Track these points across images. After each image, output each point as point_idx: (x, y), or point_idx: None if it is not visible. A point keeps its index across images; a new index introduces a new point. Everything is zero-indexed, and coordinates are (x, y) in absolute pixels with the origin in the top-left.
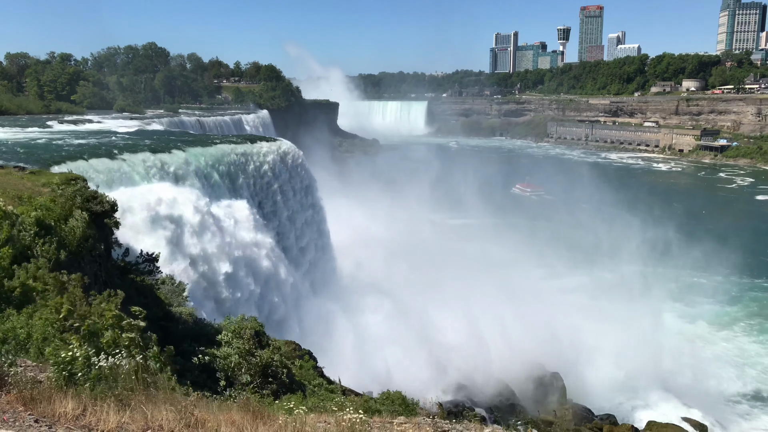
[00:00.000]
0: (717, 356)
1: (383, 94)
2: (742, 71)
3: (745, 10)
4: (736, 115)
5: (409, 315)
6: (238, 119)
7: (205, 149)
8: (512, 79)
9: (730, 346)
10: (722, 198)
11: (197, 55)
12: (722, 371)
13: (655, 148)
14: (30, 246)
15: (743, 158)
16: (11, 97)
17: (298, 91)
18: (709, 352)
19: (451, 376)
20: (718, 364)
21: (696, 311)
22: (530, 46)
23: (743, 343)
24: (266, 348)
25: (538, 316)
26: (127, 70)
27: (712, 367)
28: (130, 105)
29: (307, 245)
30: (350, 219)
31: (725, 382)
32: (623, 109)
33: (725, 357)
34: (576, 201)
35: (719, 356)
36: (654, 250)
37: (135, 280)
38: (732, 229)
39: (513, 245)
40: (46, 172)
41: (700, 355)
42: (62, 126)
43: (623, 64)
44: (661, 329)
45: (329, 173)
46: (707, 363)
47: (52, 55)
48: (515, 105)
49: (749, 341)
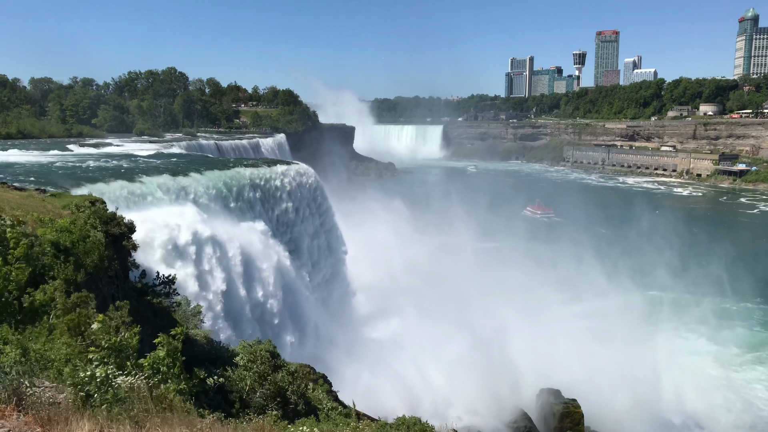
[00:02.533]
0: (741, 386)
1: (399, 118)
2: (761, 95)
3: (762, 34)
4: (755, 139)
5: (425, 338)
6: (256, 143)
7: (222, 172)
8: (528, 103)
9: (752, 377)
10: (745, 224)
11: (216, 79)
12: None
13: (672, 173)
14: (48, 266)
15: (763, 183)
16: (34, 121)
17: (315, 116)
18: (736, 381)
19: (467, 402)
20: (743, 396)
21: (721, 337)
22: (546, 70)
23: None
24: (280, 370)
25: (556, 340)
26: (147, 95)
27: (736, 398)
28: (149, 128)
29: (323, 266)
30: (367, 241)
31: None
32: (640, 133)
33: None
34: (591, 224)
35: (742, 387)
36: (676, 275)
37: (152, 302)
38: (757, 255)
39: (528, 268)
40: (66, 195)
41: (727, 384)
42: (83, 149)
43: (639, 88)
44: (682, 356)
45: (346, 196)
46: (733, 393)
47: (74, 80)
48: (531, 129)
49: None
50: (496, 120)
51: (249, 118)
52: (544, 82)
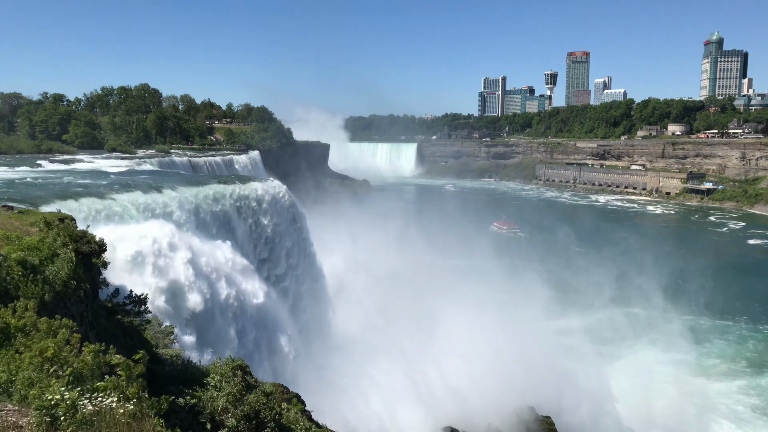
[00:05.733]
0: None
1: (373, 136)
2: (726, 116)
3: (726, 57)
4: (721, 159)
5: (399, 357)
6: (230, 159)
7: (195, 188)
8: (501, 122)
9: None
10: (715, 242)
11: (190, 96)
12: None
13: (642, 191)
14: (15, 286)
15: (729, 201)
16: (2, 136)
17: (289, 133)
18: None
19: (441, 420)
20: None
21: (695, 354)
22: (518, 90)
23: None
24: (254, 390)
25: (531, 358)
26: (120, 110)
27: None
28: (121, 145)
29: (298, 283)
30: (341, 258)
31: None
32: (610, 152)
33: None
34: (564, 241)
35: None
36: (651, 292)
37: (122, 321)
38: (725, 271)
39: (500, 285)
40: (34, 212)
41: (695, 401)
42: (53, 165)
43: (610, 108)
44: (656, 371)
45: (319, 213)
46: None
47: (44, 96)
48: (504, 147)
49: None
50: (469, 138)
51: (223, 135)
52: (517, 102)
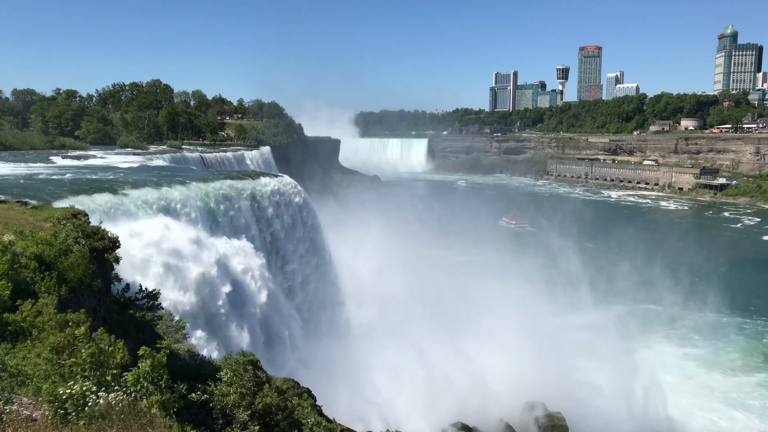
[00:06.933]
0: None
1: (384, 131)
2: (740, 111)
3: (741, 51)
4: (735, 153)
5: (411, 352)
6: (241, 155)
7: (207, 184)
8: (512, 117)
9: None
10: (729, 238)
11: (201, 92)
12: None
13: (654, 186)
14: (30, 281)
15: (743, 197)
16: (16, 133)
17: (300, 128)
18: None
19: (452, 415)
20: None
21: (711, 349)
22: (529, 85)
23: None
24: (265, 385)
25: (542, 353)
26: (131, 107)
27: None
28: (133, 141)
29: (309, 280)
30: (352, 254)
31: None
32: (622, 147)
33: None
34: (578, 237)
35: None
36: (666, 289)
37: (134, 315)
38: (740, 267)
39: (514, 281)
40: (48, 207)
41: (709, 397)
42: (65, 161)
43: (622, 103)
44: (669, 369)
45: (330, 209)
46: (716, 405)
47: (57, 92)
48: (515, 143)
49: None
50: (480, 134)
51: (234, 131)
52: (528, 97)
